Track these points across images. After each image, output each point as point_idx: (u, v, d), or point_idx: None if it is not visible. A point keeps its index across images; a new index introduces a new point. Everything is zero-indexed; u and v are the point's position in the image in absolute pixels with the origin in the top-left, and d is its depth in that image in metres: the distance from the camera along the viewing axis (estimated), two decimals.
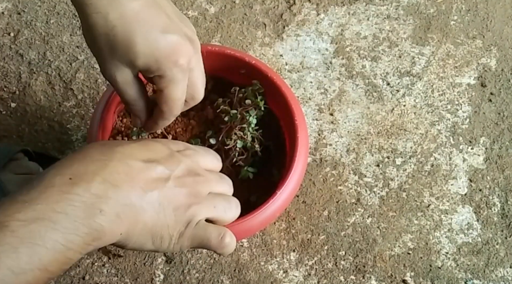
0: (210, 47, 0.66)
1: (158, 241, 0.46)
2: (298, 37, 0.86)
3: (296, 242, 0.73)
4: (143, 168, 0.45)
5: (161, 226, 0.46)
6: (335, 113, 0.81)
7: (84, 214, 0.40)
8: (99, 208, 0.41)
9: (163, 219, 0.46)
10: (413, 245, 0.73)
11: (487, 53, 0.86)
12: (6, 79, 0.81)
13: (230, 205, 0.51)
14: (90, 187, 0.41)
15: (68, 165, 0.43)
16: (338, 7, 0.89)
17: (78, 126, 0.79)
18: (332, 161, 0.78)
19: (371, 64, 0.85)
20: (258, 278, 0.71)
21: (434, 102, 0.82)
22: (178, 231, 0.47)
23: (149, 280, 0.70)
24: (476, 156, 0.79)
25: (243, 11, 0.88)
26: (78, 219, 0.40)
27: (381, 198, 0.76)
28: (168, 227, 0.46)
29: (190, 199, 0.48)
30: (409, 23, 0.88)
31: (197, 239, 0.48)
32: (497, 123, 0.81)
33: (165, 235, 0.46)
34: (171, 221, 0.46)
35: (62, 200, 0.40)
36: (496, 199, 0.76)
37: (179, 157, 0.49)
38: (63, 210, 0.40)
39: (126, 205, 0.43)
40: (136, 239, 0.45)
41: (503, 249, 0.73)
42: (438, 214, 0.75)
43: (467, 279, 0.72)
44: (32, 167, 0.70)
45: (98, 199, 0.42)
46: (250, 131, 0.62)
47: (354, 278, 0.71)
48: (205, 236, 0.48)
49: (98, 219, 0.41)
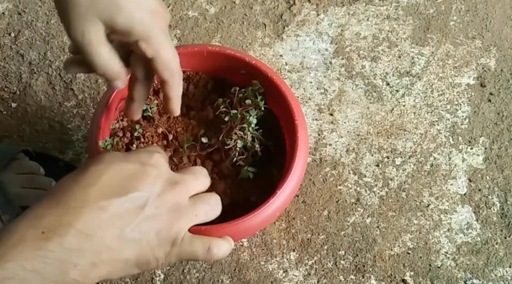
0: (210, 48, 0.66)
1: (144, 266, 0.45)
2: (298, 37, 0.87)
3: (296, 242, 0.73)
4: (117, 204, 0.43)
5: (146, 253, 0.45)
6: (335, 113, 0.81)
7: (57, 271, 0.39)
8: (73, 262, 0.40)
9: (146, 246, 0.44)
10: (413, 245, 0.73)
11: (487, 54, 0.86)
12: (6, 80, 0.82)
13: (210, 205, 0.50)
14: (64, 241, 0.39)
15: (40, 215, 0.41)
16: (338, 8, 0.89)
17: (79, 126, 0.79)
18: (332, 160, 0.78)
19: (370, 65, 0.85)
20: (258, 277, 0.71)
21: (434, 102, 0.82)
22: (164, 252, 0.46)
23: (149, 279, 0.70)
24: (475, 155, 0.79)
25: (243, 11, 0.88)
26: (51, 277, 0.38)
27: (381, 198, 0.76)
28: (153, 251, 0.45)
29: (171, 217, 0.46)
30: (409, 23, 0.88)
31: (184, 255, 0.47)
32: (496, 124, 0.81)
33: (151, 259, 0.45)
34: (155, 246, 0.45)
35: (34, 257, 0.38)
36: (496, 199, 0.77)
37: (153, 171, 0.46)
38: (34, 269, 0.38)
39: (102, 252, 0.42)
40: (119, 273, 0.44)
41: (503, 248, 0.73)
42: (437, 213, 0.75)
43: (467, 279, 0.72)
44: (33, 167, 0.70)
45: (72, 253, 0.40)
46: (250, 131, 0.62)
47: (353, 277, 0.71)
48: (192, 251, 0.48)
49: (71, 274, 0.40)
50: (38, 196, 0.67)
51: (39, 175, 0.70)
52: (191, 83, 0.68)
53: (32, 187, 0.68)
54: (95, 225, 0.41)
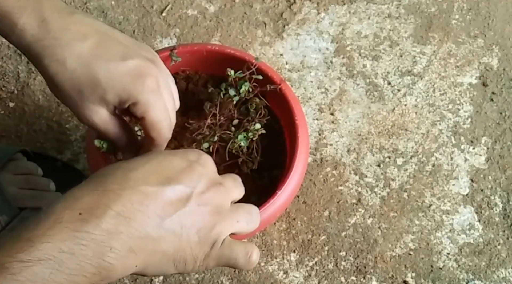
0: (210, 47, 0.66)
1: (181, 265, 0.44)
2: (298, 36, 0.86)
3: (296, 243, 0.72)
4: (159, 192, 0.42)
5: (184, 250, 0.43)
6: (335, 113, 0.81)
7: (93, 253, 0.38)
8: (110, 245, 0.39)
9: (186, 242, 0.43)
10: (414, 246, 0.73)
11: (489, 53, 0.86)
12: (4, 79, 0.81)
13: (252, 216, 0.48)
14: (101, 222, 0.39)
15: (78, 196, 0.40)
16: (338, 6, 0.88)
17: (77, 126, 0.79)
18: (333, 160, 0.77)
19: (372, 64, 0.84)
20: (258, 279, 0.70)
21: (436, 102, 0.82)
22: (203, 252, 0.44)
23: (149, 280, 0.70)
24: (477, 155, 0.79)
25: (243, 10, 0.88)
26: (86, 259, 0.38)
27: (382, 198, 0.75)
28: (192, 250, 0.44)
29: (214, 217, 0.44)
30: (410, 22, 0.88)
31: (224, 259, 0.46)
32: (498, 123, 0.81)
33: (189, 258, 0.44)
34: (194, 244, 0.43)
35: (70, 239, 0.38)
36: (498, 199, 0.76)
37: (199, 168, 0.45)
38: (69, 250, 0.37)
39: (141, 238, 0.40)
40: (155, 267, 0.43)
41: (505, 249, 0.73)
42: (439, 214, 0.75)
43: (469, 280, 0.71)
44: (30, 167, 0.70)
45: (109, 236, 0.39)
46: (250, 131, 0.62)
47: (354, 278, 0.71)
48: (232, 256, 0.46)
49: (107, 258, 0.39)
50: (36, 196, 0.67)
51: (37, 176, 0.69)
52: (190, 82, 0.68)
53: (30, 187, 0.68)
54: (135, 209, 0.41)
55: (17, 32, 0.47)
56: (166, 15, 0.87)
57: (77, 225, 0.38)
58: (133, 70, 0.49)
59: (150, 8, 0.87)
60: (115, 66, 0.48)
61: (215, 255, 0.45)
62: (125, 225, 0.40)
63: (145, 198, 0.41)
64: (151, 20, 0.86)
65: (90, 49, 0.48)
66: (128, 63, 0.49)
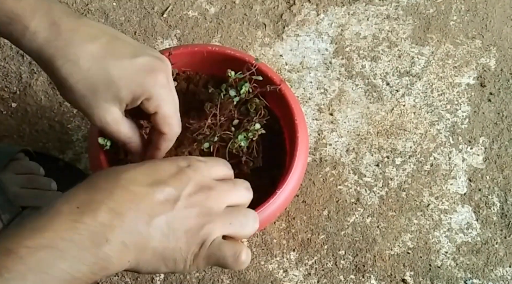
0: (210, 48, 0.66)
1: (171, 264, 0.45)
2: (298, 37, 0.87)
3: (296, 242, 0.73)
4: (148, 193, 0.44)
5: (173, 249, 0.45)
6: (335, 113, 0.81)
7: (91, 243, 0.40)
8: (105, 237, 0.41)
9: (174, 242, 0.45)
10: (413, 245, 0.73)
11: (487, 53, 0.86)
12: (7, 79, 0.82)
13: (247, 219, 0.49)
14: (97, 215, 0.41)
15: (75, 193, 0.43)
16: (337, 7, 0.89)
17: (79, 126, 0.79)
18: (332, 160, 0.78)
19: (370, 64, 0.85)
20: (258, 277, 0.71)
21: (434, 102, 0.82)
22: (191, 252, 0.46)
23: (150, 279, 0.70)
24: (475, 155, 0.79)
25: (243, 11, 0.88)
26: (85, 248, 0.40)
27: (381, 198, 0.76)
28: (181, 250, 0.45)
29: (202, 218, 0.46)
30: (409, 23, 0.88)
31: (213, 258, 0.47)
32: (496, 123, 0.81)
33: (178, 257, 0.45)
34: (182, 243, 0.45)
35: (70, 228, 0.40)
36: (496, 199, 0.77)
37: (189, 172, 0.47)
38: (70, 238, 0.40)
39: (132, 233, 0.43)
40: (147, 264, 0.44)
41: (503, 248, 0.73)
42: (437, 213, 0.75)
43: (467, 279, 0.72)
44: (32, 167, 0.70)
45: (104, 228, 0.41)
46: (250, 131, 0.62)
47: (353, 277, 0.71)
48: (221, 255, 0.47)
49: (104, 248, 0.41)
50: (38, 196, 0.67)
51: (39, 175, 0.70)
52: (191, 83, 0.68)
53: (32, 187, 0.68)
54: (126, 206, 0.43)
55: (29, 35, 0.48)
56: (167, 16, 0.87)
57: (76, 216, 0.41)
58: (145, 66, 0.50)
59: (151, 9, 0.88)
60: (127, 63, 0.50)
61: (204, 255, 0.46)
62: (118, 220, 0.42)
63: (134, 197, 0.44)
64: (152, 22, 0.87)
65: (101, 49, 0.49)
66: (139, 60, 0.50)
